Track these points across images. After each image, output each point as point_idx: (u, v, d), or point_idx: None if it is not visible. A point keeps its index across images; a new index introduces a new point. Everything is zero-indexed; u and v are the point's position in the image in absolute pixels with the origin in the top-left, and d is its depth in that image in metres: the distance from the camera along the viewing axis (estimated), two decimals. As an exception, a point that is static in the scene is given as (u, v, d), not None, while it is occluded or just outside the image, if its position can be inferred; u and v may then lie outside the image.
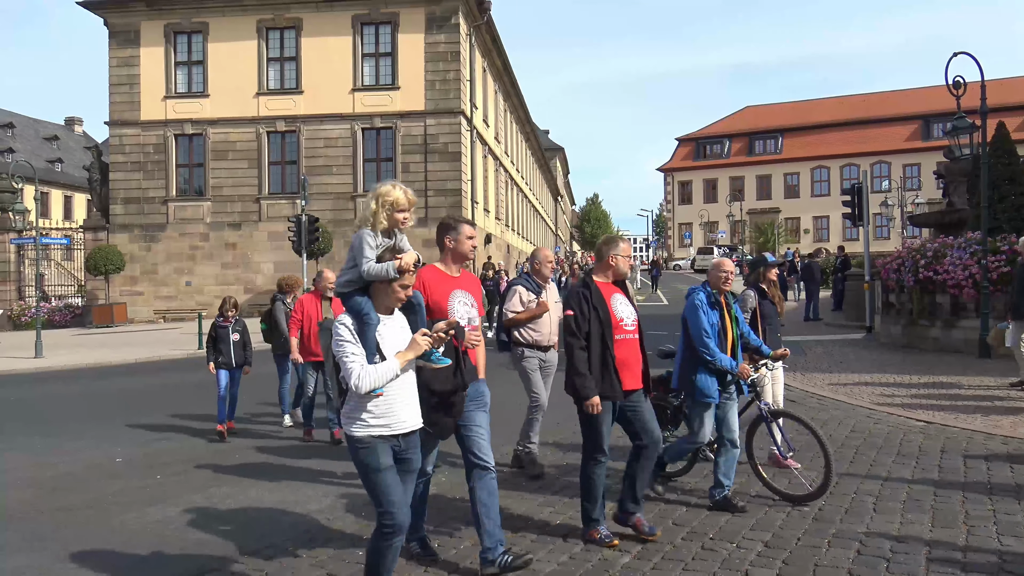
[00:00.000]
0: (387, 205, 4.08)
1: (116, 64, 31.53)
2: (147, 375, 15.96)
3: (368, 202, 4.11)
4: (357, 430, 3.82)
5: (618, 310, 5.21)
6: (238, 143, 31.24)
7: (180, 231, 31.38)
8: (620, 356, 5.11)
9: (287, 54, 31.20)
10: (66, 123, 69.88)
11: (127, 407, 11.91)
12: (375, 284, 3.92)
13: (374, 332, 3.82)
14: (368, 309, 3.85)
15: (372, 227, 4.08)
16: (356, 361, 3.71)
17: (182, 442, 9.07)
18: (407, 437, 3.93)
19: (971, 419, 8.64)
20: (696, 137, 74.68)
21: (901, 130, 65.04)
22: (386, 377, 3.71)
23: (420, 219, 29.96)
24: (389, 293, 3.91)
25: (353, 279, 3.99)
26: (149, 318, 30.85)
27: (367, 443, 3.81)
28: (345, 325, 3.80)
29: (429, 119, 30.35)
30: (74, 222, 44.38)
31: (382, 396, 3.76)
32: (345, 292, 4.00)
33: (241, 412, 10.17)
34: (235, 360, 9.45)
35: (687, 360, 5.93)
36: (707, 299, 5.90)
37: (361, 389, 3.68)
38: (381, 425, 3.82)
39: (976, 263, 13.77)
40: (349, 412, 3.86)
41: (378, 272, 3.88)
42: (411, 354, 3.79)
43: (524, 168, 53.43)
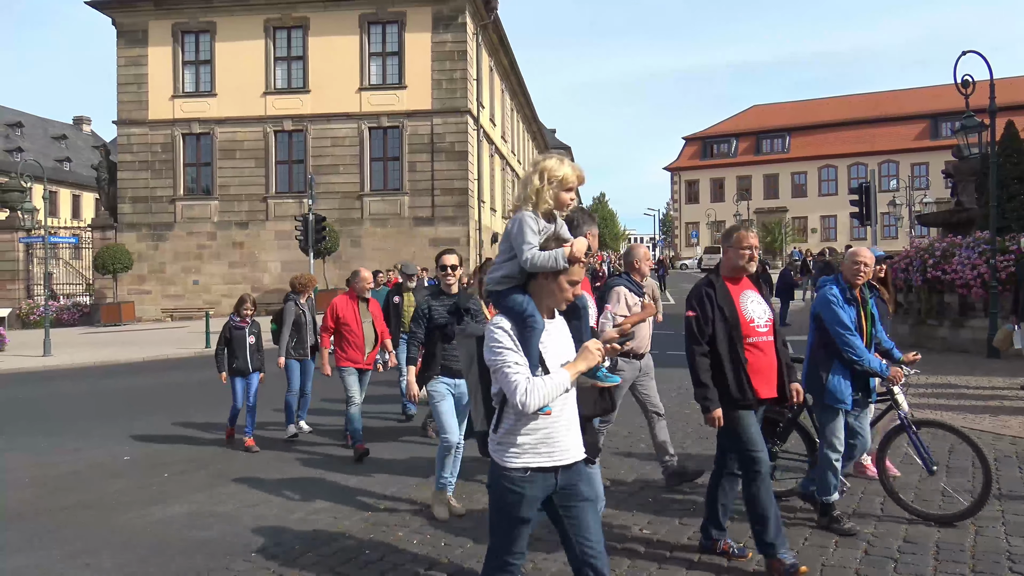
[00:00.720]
0: (554, 183, 3.36)
1: (124, 63, 31.61)
2: (154, 374, 15.99)
3: (529, 178, 3.42)
4: (512, 459, 3.14)
5: (748, 309, 4.66)
6: (245, 142, 31.29)
7: (187, 230, 31.45)
8: (752, 361, 4.55)
9: (294, 53, 31.23)
10: (74, 122, 70.12)
11: (133, 406, 11.93)
12: (537, 280, 3.25)
13: (539, 339, 3.16)
14: (532, 310, 3.19)
15: (534, 208, 3.36)
16: (521, 373, 3.05)
17: (187, 441, 9.08)
18: (568, 470, 3.23)
19: (979, 419, 8.58)
20: (703, 136, 74.51)
21: (909, 129, 64.76)
22: (556, 392, 3.06)
23: (427, 218, 30.06)
24: (555, 290, 3.24)
25: (511, 273, 3.31)
26: (157, 317, 30.93)
27: (518, 486, 3.13)
28: (503, 329, 3.15)
29: (436, 118, 30.35)
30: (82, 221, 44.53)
31: (549, 415, 3.14)
32: (500, 290, 3.35)
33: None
34: (251, 365, 8.76)
35: (818, 360, 5.30)
36: (842, 293, 5.25)
37: (528, 407, 3.02)
38: (541, 454, 3.15)
39: (985, 263, 13.70)
40: (502, 436, 3.19)
41: (544, 262, 3.19)
42: (583, 365, 3.12)
43: (531, 167, 53.31)
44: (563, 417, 3.18)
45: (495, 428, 3.21)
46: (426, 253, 29.32)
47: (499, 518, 3.24)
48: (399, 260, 28.04)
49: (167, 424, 10.08)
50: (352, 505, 6.26)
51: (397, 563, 4.98)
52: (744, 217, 59.65)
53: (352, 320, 8.10)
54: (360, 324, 8.12)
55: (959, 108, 15.62)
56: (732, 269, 4.74)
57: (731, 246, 4.72)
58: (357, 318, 8.12)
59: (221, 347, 8.80)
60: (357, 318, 8.12)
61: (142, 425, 10.07)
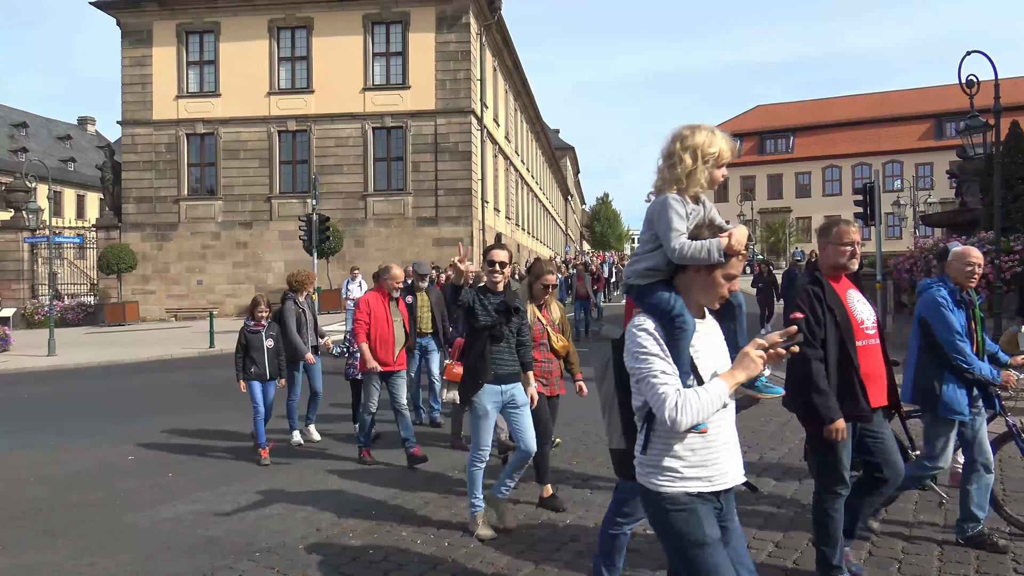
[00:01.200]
0: (709, 161, 2.87)
1: (128, 64, 31.67)
2: (159, 373, 16.03)
3: (674, 155, 2.87)
4: (667, 484, 2.70)
5: (857, 310, 4.32)
6: (249, 142, 31.34)
7: (192, 230, 31.50)
8: (863, 367, 4.20)
9: (298, 54, 31.27)
10: (79, 123, 70.24)
11: (138, 405, 11.97)
12: (687, 273, 2.78)
13: (689, 342, 2.73)
14: (681, 308, 2.74)
15: (682, 190, 2.86)
16: (670, 383, 2.61)
17: (193, 440, 9.10)
18: (726, 495, 2.79)
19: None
20: (707, 136, 74.39)
21: (913, 129, 64.65)
22: (712, 407, 2.61)
23: (430, 218, 30.08)
24: (708, 285, 2.76)
25: (656, 265, 2.84)
26: (161, 317, 30.99)
27: (683, 505, 2.69)
28: (647, 331, 2.69)
29: (439, 118, 30.37)
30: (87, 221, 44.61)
31: (705, 433, 2.69)
32: (642, 285, 2.86)
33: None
34: (269, 371, 8.22)
35: (927, 368, 4.90)
36: (951, 296, 4.85)
37: (680, 424, 2.57)
38: (699, 478, 2.70)
39: (989, 263, 13.67)
40: (652, 458, 2.73)
41: (696, 253, 2.72)
42: (742, 375, 2.64)
43: (534, 167, 53.40)
44: (721, 435, 2.74)
45: (644, 448, 2.73)
46: (429, 253, 29.36)
47: (677, 552, 2.72)
48: (404, 260, 28.05)
49: (172, 424, 10.10)
50: (356, 505, 6.28)
51: (401, 563, 5.00)
52: (748, 217, 59.56)
53: (382, 318, 7.70)
54: (390, 323, 7.73)
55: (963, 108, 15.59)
56: (832, 267, 4.35)
57: (830, 242, 4.34)
58: (388, 317, 7.74)
59: (239, 353, 8.19)
60: (388, 317, 7.74)
61: (147, 425, 10.10)
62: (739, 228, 2.79)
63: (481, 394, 5.51)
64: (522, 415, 5.61)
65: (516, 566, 4.90)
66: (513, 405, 5.61)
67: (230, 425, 9.81)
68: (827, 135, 67.85)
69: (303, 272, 9.26)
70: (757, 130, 71.53)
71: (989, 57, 14.16)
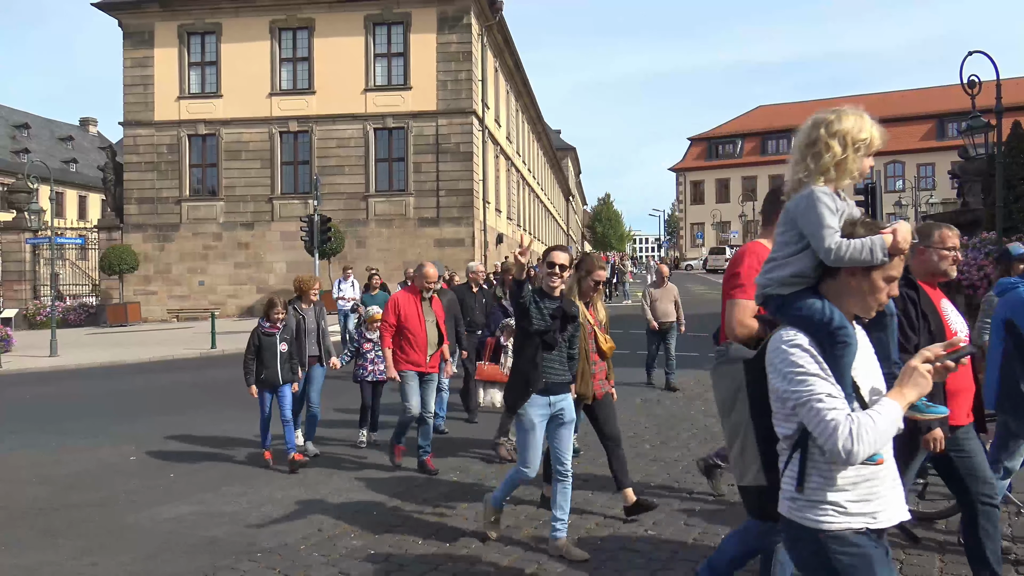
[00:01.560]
0: (860, 149, 2.57)
1: (130, 65, 31.70)
2: (160, 374, 16.04)
3: (819, 142, 2.54)
4: (831, 521, 2.32)
5: (951, 320, 4.01)
6: (251, 143, 31.36)
7: (193, 231, 31.53)
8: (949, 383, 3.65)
9: (300, 54, 31.28)
10: (80, 124, 70.30)
11: (141, 405, 11.98)
12: (839, 278, 2.41)
13: (853, 359, 2.37)
14: (843, 321, 2.36)
15: (830, 181, 2.51)
16: (839, 409, 2.24)
17: (194, 440, 9.11)
18: (884, 534, 2.41)
19: (986, 420, 8.56)
20: (708, 137, 74.53)
21: (915, 129, 64.66)
22: (889, 432, 2.25)
23: (432, 219, 30.09)
24: (867, 290, 2.39)
25: (802, 271, 2.46)
26: (162, 317, 31.00)
27: (852, 545, 2.31)
28: (802, 348, 2.32)
29: (441, 119, 30.38)
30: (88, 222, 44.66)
31: (881, 464, 2.35)
32: (785, 294, 2.48)
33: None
34: (282, 376, 7.70)
35: (1016, 374, 4.62)
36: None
37: (857, 455, 2.20)
38: (863, 514, 2.33)
39: (991, 263, 13.67)
40: (812, 493, 2.34)
41: (856, 253, 2.35)
42: (913, 393, 2.29)
43: (536, 168, 53.41)
44: (889, 464, 2.38)
45: (800, 483, 2.34)
46: (431, 254, 29.36)
47: None
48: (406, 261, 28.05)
49: (173, 424, 10.10)
50: (358, 507, 6.28)
51: (403, 563, 5.00)
52: (749, 218, 59.54)
53: (414, 319, 7.35)
54: (423, 323, 7.38)
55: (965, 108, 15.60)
56: (930, 273, 4.02)
57: (930, 245, 4.01)
58: (420, 317, 7.38)
59: (250, 355, 7.69)
60: (420, 317, 7.38)
61: (149, 425, 10.11)
62: (901, 224, 2.45)
63: (529, 404, 5.16)
64: (566, 432, 5.32)
65: (518, 567, 4.90)
66: (560, 420, 5.28)
67: (232, 426, 9.81)
68: (829, 135, 67.78)
69: (301, 277, 8.58)
70: (759, 130, 71.63)
71: (991, 57, 14.16)
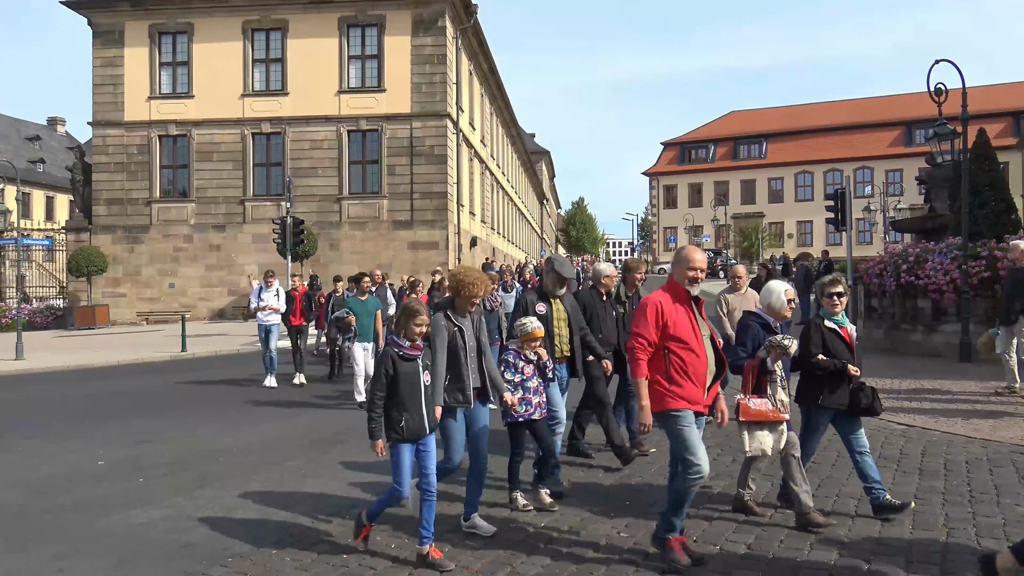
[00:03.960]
0: None
1: (100, 64, 31.32)
2: (130, 377, 15.86)
3: None
4: None
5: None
6: (223, 144, 31.10)
7: (163, 233, 31.20)
8: None
9: (273, 55, 31.09)
10: (48, 123, 69.25)
11: (110, 409, 11.83)
12: None
13: None
14: None
15: None
16: None
17: (166, 444, 9.02)
18: None
19: (952, 422, 8.74)
20: (681, 142, 74.99)
21: (884, 136, 65.58)
22: None
23: (406, 221, 30.04)
24: None
25: None
26: (131, 320, 30.63)
27: None
28: None
29: (415, 122, 30.34)
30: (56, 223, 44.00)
31: None
32: None
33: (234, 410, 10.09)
34: (429, 422, 5.18)
35: None
36: None
37: None
38: None
39: (957, 268, 13.92)
40: None
41: None
42: None
43: (510, 171, 53.49)
44: None
45: None
46: (404, 257, 29.33)
47: None
48: (379, 263, 27.98)
49: (143, 428, 10.01)
50: (333, 509, 6.26)
51: (375, 567, 5.00)
52: (721, 222, 60.02)
53: (689, 332, 4.82)
54: (700, 339, 4.85)
55: (933, 116, 15.88)
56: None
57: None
58: (696, 330, 4.86)
59: (379, 391, 5.06)
60: (696, 330, 4.86)
61: (119, 429, 10.00)
62: None
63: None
64: None
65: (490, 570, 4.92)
66: None
67: (203, 430, 9.75)
68: (800, 141, 68.63)
69: (462, 270, 5.90)
70: (731, 136, 72.23)
71: (957, 66, 14.44)
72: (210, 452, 8.55)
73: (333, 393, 12.61)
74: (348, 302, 11.69)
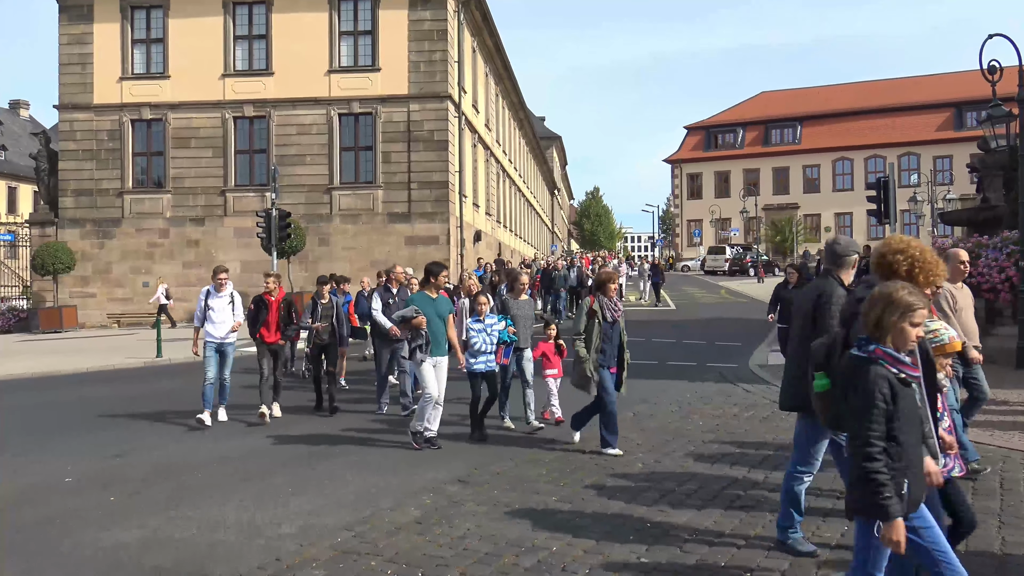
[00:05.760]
0: None
1: (67, 42, 31.42)
2: (101, 385, 15.90)
3: None
4: None
5: None
6: (201, 129, 31.17)
7: (137, 226, 31.28)
8: None
9: (256, 32, 31.14)
10: (10, 107, 69.61)
11: (79, 420, 11.86)
12: None
13: None
14: None
15: None
16: None
17: (141, 457, 9.05)
18: None
19: (1008, 436, 8.69)
20: (706, 125, 74.92)
21: (931, 118, 65.39)
22: None
23: (403, 214, 30.06)
24: None
25: None
26: (102, 323, 30.73)
27: None
28: None
29: (413, 104, 30.35)
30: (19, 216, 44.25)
31: None
32: None
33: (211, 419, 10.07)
34: None
35: None
36: None
37: None
38: None
39: (1013, 265, 13.84)
40: None
41: None
42: None
43: (517, 159, 53.51)
44: None
45: None
46: (401, 253, 29.29)
47: None
48: (373, 261, 28.00)
49: (116, 440, 10.03)
50: (321, 530, 6.26)
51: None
52: (751, 214, 59.92)
53: None
54: None
55: (986, 96, 15.81)
56: None
57: None
58: None
59: (876, 430, 3.63)
60: None
61: (87, 441, 10.02)
62: None
63: None
64: None
65: None
66: None
67: (179, 442, 9.76)
68: (838, 124, 68.47)
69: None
70: (761, 119, 72.12)
71: (1012, 41, 14.37)
72: (187, 467, 8.56)
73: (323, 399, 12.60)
74: (414, 299, 9.43)
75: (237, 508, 6.95)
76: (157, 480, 8.05)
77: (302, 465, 8.48)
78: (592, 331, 8.39)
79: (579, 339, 8.37)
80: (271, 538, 6.12)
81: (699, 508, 6.51)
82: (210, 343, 11.10)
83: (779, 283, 12.46)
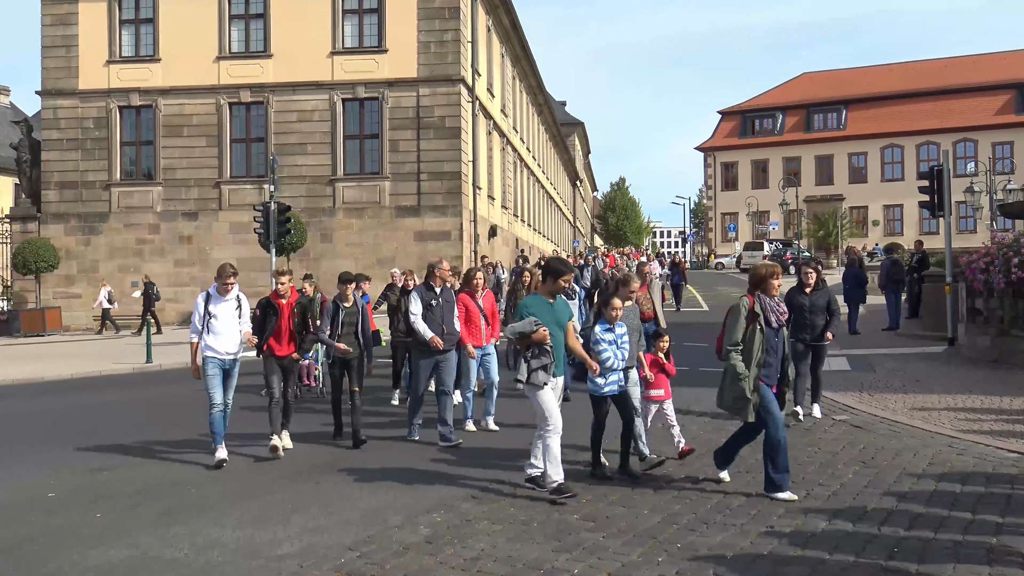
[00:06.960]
0: None
1: (50, 23, 31.66)
2: (87, 392, 16.00)
3: None
4: None
5: None
6: (194, 117, 31.33)
7: (125, 221, 31.49)
8: None
9: (253, 11, 31.27)
10: (-10, 93, 70.10)
11: (63, 430, 11.94)
12: None
13: None
14: None
15: None
16: None
17: (130, 471, 9.09)
18: None
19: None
20: (742, 110, 74.61)
21: (990, 101, 64.84)
22: None
23: (411, 207, 30.10)
24: None
25: None
26: (88, 325, 30.94)
27: None
28: None
29: (422, 88, 30.38)
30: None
31: None
32: None
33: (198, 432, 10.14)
34: None
35: None
36: None
37: None
38: None
39: (1079, 262, 13.71)
40: None
41: None
42: None
43: (536, 147, 53.48)
44: None
45: None
46: (410, 249, 29.33)
47: None
48: (380, 258, 28.06)
49: (103, 452, 10.08)
50: (323, 550, 6.27)
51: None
52: (791, 207, 59.63)
53: None
54: None
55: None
56: None
57: None
58: None
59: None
60: None
61: (72, 454, 10.07)
62: None
63: None
64: None
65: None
66: None
67: (172, 454, 9.79)
68: (887, 108, 68.03)
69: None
70: (803, 102, 71.76)
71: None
72: (180, 481, 8.60)
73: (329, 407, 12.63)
74: (528, 304, 7.81)
75: (234, 526, 6.97)
76: (147, 496, 8.08)
77: (306, 481, 8.50)
78: (754, 341, 7.36)
79: (734, 350, 7.37)
80: (269, 559, 6.14)
81: (735, 529, 6.48)
82: (213, 360, 9.44)
83: (792, 287, 11.12)
